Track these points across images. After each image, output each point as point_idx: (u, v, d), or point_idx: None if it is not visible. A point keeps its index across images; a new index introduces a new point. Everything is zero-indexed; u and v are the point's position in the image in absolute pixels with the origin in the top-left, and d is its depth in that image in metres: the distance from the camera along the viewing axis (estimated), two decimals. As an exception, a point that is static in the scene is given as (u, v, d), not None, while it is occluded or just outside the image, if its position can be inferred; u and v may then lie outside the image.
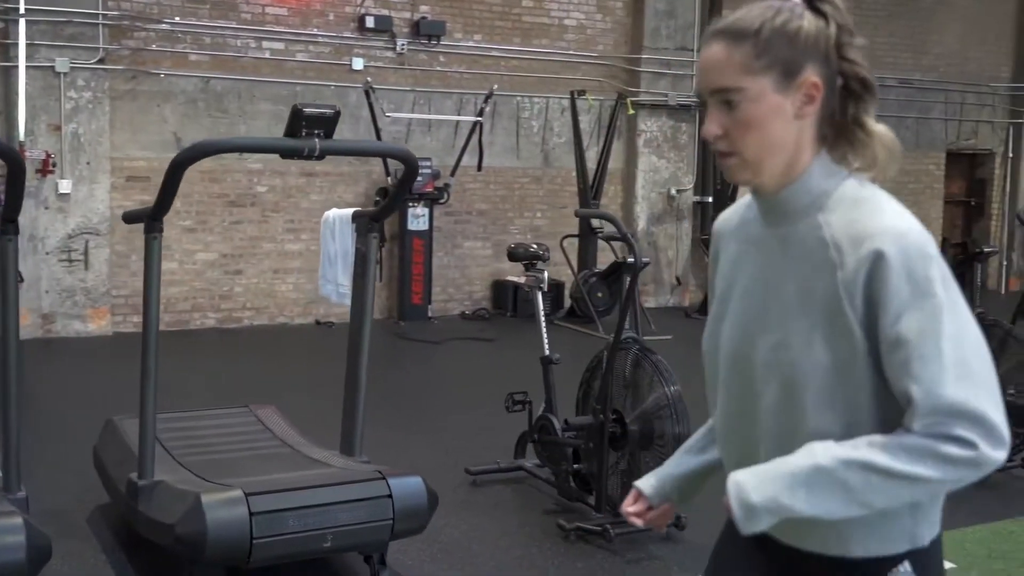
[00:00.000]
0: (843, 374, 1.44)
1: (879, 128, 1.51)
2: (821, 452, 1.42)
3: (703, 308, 10.52)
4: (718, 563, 1.78)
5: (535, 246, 4.90)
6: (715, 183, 10.64)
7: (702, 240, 10.65)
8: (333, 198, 9.48)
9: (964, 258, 6.60)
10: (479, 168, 9.52)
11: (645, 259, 4.52)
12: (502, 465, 5.01)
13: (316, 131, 3.30)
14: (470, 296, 10.24)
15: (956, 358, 1.38)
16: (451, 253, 10.10)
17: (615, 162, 10.45)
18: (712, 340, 1.66)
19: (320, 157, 3.36)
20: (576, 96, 9.94)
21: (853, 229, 1.44)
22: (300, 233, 9.45)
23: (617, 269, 4.42)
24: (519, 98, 10.21)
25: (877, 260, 1.40)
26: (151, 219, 3.55)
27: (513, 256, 4.88)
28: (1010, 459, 5.24)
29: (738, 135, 1.49)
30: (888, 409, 1.44)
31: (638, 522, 1.78)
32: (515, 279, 4.96)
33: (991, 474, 1.42)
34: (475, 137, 9.42)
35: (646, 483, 1.83)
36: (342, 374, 4.05)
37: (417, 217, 9.57)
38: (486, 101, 9.56)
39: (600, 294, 9.78)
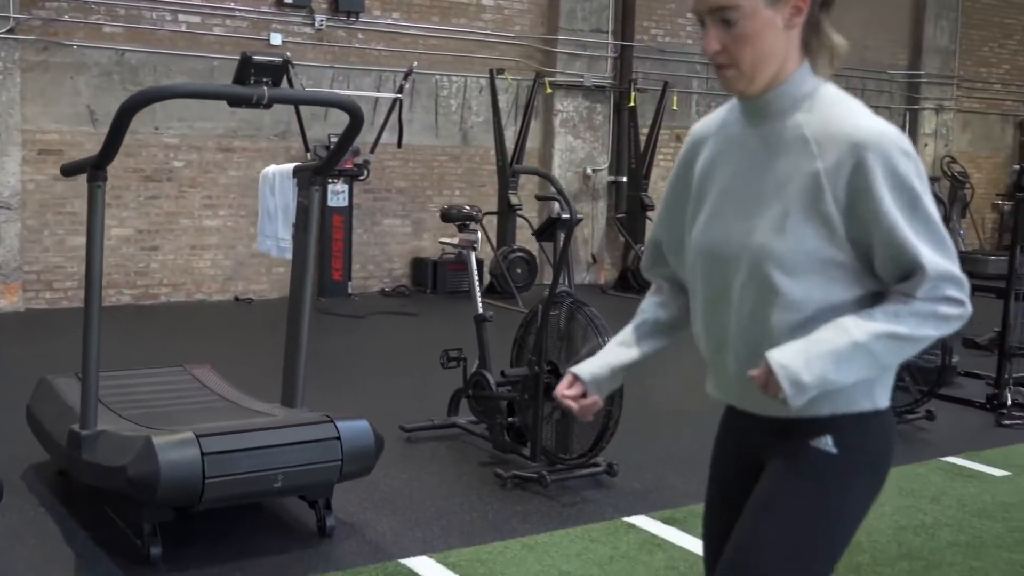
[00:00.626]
0: (813, 256, 1.61)
1: (836, 35, 1.69)
2: (854, 328, 1.61)
3: (619, 285, 10.80)
4: (719, 492, 1.91)
5: (468, 207, 5.00)
6: (630, 163, 10.89)
7: (617, 219, 10.89)
8: (251, 174, 9.41)
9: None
10: (399, 145, 9.55)
11: (579, 215, 4.66)
12: (436, 422, 5.12)
13: (264, 79, 3.34)
14: (390, 273, 10.29)
15: (939, 235, 1.63)
16: (370, 230, 10.13)
17: (532, 142, 10.60)
18: (690, 243, 1.80)
19: (268, 106, 3.40)
20: (495, 74, 10.05)
21: (832, 127, 1.63)
22: (218, 209, 9.38)
23: (552, 225, 4.54)
24: (437, 76, 10.29)
25: (862, 154, 1.60)
26: (95, 167, 3.55)
27: (447, 217, 4.97)
28: (914, 411, 5.56)
29: (736, 49, 1.66)
30: (854, 289, 1.63)
31: (572, 405, 1.91)
32: (448, 243, 5.03)
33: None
34: (394, 114, 9.46)
35: (583, 369, 1.96)
36: (265, 349, 4.10)
37: (336, 193, 9.58)
38: (405, 78, 9.60)
39: (519, 270, 9.95)
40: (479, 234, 4.91)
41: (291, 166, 4.07)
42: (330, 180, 9.45)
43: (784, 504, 1.69)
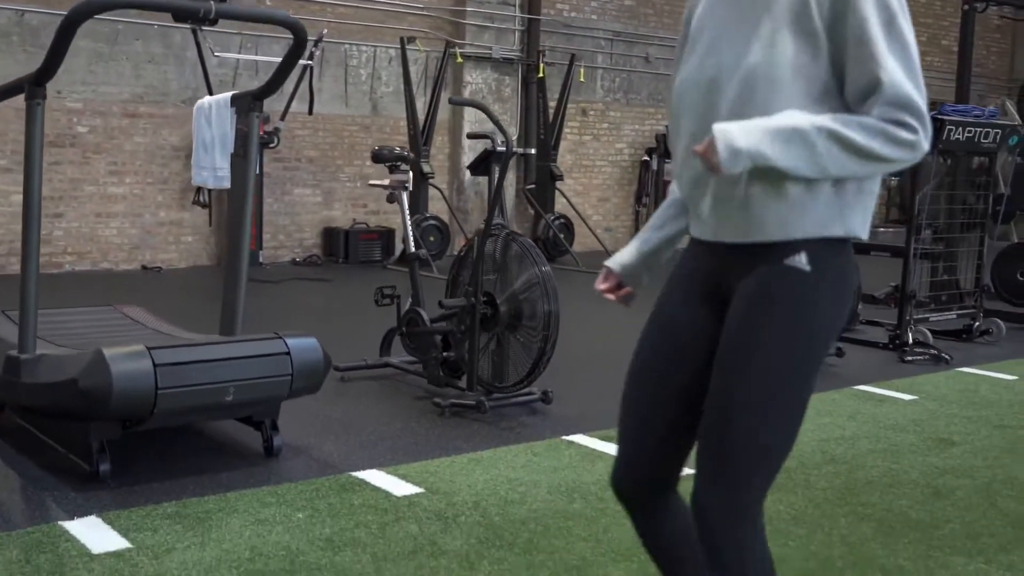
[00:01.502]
0: (799, 72, 1.73)
1: None
2: (799, 117, 1.70)
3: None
4: (663, 311, 1.99)
5: (399, 148, 5.05)
6: (538, 134, 11.05)
7: (526, 190, 11.03)
8: (158, 140, 9.26)
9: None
10: (310, 112, 9.51)
11: (516, 149, 4.75)
12: (369, 362, 5.16)
13: (210, -5, 3.34)
14: (301, 243, 10.23)
15: (911, 64, 1.72)
16: (280, 200, 10.05)
17: (441, 113, 10.65)
18: (680, 82, 1.90)
19: (214, 21, 3.41)
20: (406, 43, 10.08)
21: None
22: (124, 176, 9.18)
23: (487, 159, 4.62)
24: (347, 46, 10.26)
25: None
26: (34, 84, 3.50)
27: (378, 157, 5.01)
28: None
29: None
30: (835, 110, 1.74)
31: (610, 297, 2.04)
32: (379, 184, 5.08)
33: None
34: (304, 82, 9.41)
35: (614, 262, 2.10)
36: (176, 317, 4.06)
37: (247, 161, 9.46)
38: (316, 45, 9.54)
39: (432, 238, 10.02)
40: (410, 174, 4.95)
41: (228, 95, 4.06)
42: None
43: (765, 328, 1.80)
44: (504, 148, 4.49)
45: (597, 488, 3.53)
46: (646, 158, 12.45)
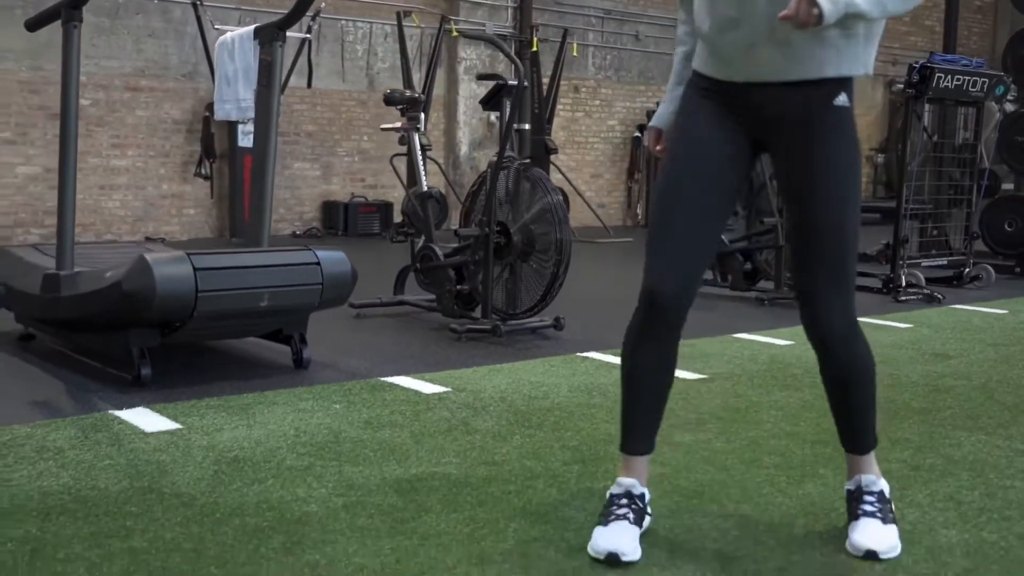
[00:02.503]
0: None
1: None
2: None
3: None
4: (691, 139, 2.18)
5: (410, 91, 5.21)
6: (533, 108, 11.20)
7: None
8: (160, 114, 9.40)
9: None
10: (308, 85, 9.63)
11: (525, 83, 4.92)
12: (384, 300, 5.32)
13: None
14: (300, 216, 10.37)
15: None
16: (280, 173, 10.17)
17: (437, 89, 10.81)
18: None
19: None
20: (403, 16, 10.23)
21: None
22: (126, 149, 9.30)
23: (498, 92, 4.79)
24: (343, 22, 10.42)
25: None
26: (71, 7, 3.64)
27: (390, 100, 5.17)
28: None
29: None
30: None
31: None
32: (391, 127, 5.24)
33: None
34: (303, 55, 9.55)
35: (659, 122, 2.34)
36: None
37: (247, 134, 9.59)
38: (314, 19, 9.69)
39: (416, 221, 10.16)
40: (422, 116, 5.11)
41: (251, 28, 4.22)
42: (240, 121, 9.49)
43: (832, 159, 2.06)
44: (516, 82, 4.66)
45: (615, 389, 3.70)
46: (638, 135, 12.64)
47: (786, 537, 2.25)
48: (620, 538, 2.10)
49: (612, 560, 2.07)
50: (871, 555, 2.12)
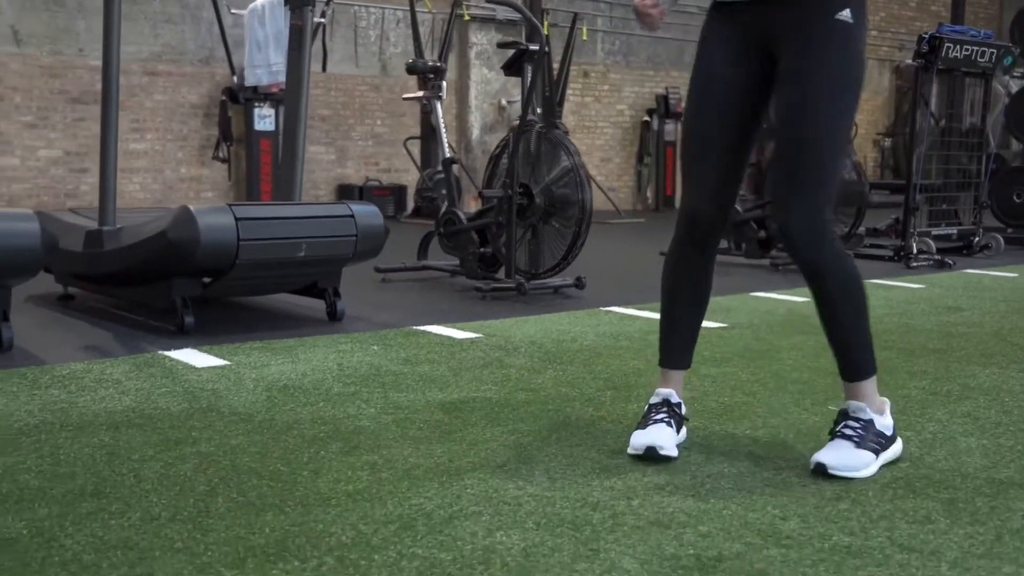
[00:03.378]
0: None
1: None
2: None
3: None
4: (711, 73, 2.30)
5: (432, 61, 5.34)
6: (544, 91, 11.32)
7: (532, 147, 11.33)
8: (177, 99, 9.55)
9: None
10: (324, 69, 9.76)
11: (546, 48, 5.05)
12: (408, 264, 5.46)
13: None
14: (316, 200, 10.51)
15: None
16: (296, 157, 10.32)
17: (448, 74, 10.94)
18: None
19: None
20: (415, 1, 10.35)
21: None
22: (145, 133, 9.45)
23: (520, 58, 4.92)
24: (356, 7, 10.55)
25: None
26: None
27: (412, 69, 5.30)
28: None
29: None
30: None
31: (652, 12, 2.26)
32: (412, 96, 5.37)
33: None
34: (318, 39, 9.69)
35: None
36: None
37: (263, 117, 9.74)
38: (328, 3, 9.83)
39: (444, 191, 10.31)
40: (444, 83, 5.25)
41: (282, -6, 4.35)
42: (256, 104, 9.64)
43: (824, 72, 2.13)
44: (536, 47, 4.79)
45: (640, 335, 3.84)
46: (647, 119, 12.76)
47: (814, 443, 2.38)
48: (658, 435, 2.23)
49: (651, 454, 2.20)
50: (819, 467, 2.11)
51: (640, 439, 2.23)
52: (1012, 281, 5.66)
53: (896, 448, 2.26)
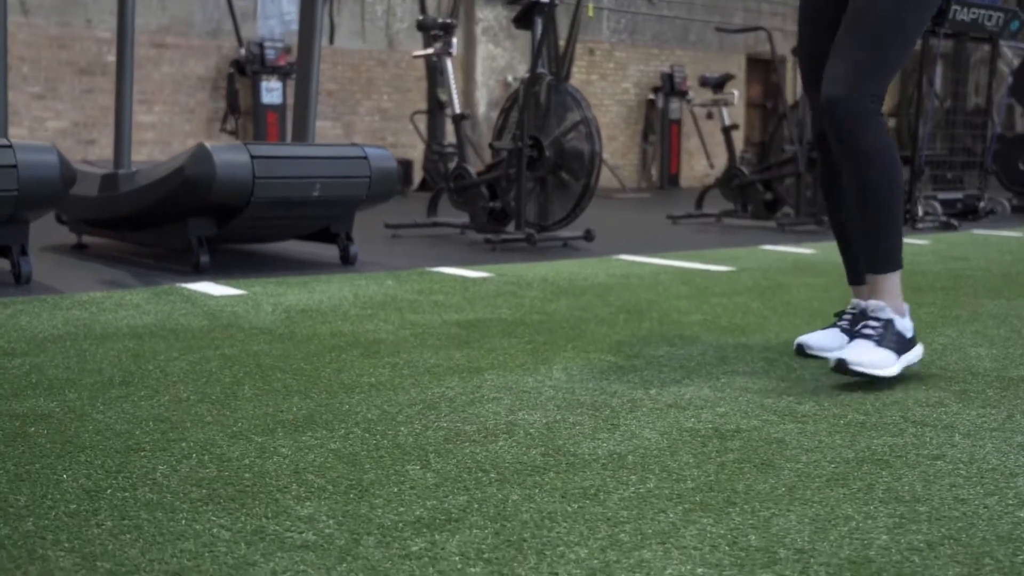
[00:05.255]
0: None
1: None
2: None
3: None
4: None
5: (442, 18, 5.37)
6: (550, 67, 11.34)
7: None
8: (184, 71, 9.58)
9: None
10: (331, 41, 9.83)
11: (557, 0, 5.08)
12: (418, 221, 5.49)
13: None
14: (322, 174, 10.54)
15: None
16: (302, 131, 10.36)
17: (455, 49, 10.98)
18: None
19: None
20: (422, -26, 10.39)
21: None
22: (153, 105, 9.49)
23: (530, 11, 4.95)
24: (363, -18, 10.58)
25: None
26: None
27: (423, 26, 5.34)
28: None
29: None
30: None
31: None
32: (422, 54, 5.40)
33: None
34: (324, 12, 9.72)
35: None
36: None
37: (271, 91, 9.78)
38: (335, -23, 9.87)
39: (451, 165, 10.34)
40: (455, 40, 5.28)
41: (295, -56, 4.38)
42: (263, 77, 9.68)
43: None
44: (547, 0, 4.82)
45: (651, 276, 3.88)
46: (652, 97, 12.78)
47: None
48: (822, 337, 2.40)
49: (797, 350, 2.41)
50: (840, 364, 2.05)
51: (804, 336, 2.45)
52: (1018, 240, 5.69)
53: (917, 351, 2.24)
